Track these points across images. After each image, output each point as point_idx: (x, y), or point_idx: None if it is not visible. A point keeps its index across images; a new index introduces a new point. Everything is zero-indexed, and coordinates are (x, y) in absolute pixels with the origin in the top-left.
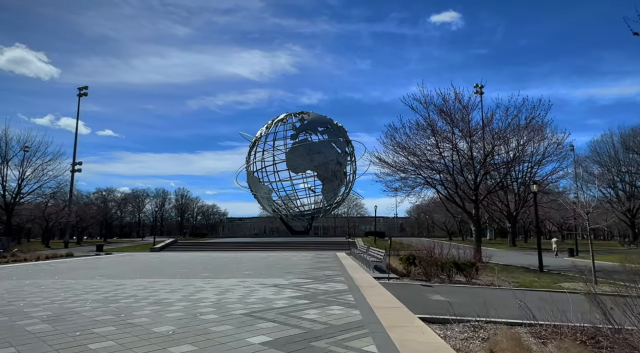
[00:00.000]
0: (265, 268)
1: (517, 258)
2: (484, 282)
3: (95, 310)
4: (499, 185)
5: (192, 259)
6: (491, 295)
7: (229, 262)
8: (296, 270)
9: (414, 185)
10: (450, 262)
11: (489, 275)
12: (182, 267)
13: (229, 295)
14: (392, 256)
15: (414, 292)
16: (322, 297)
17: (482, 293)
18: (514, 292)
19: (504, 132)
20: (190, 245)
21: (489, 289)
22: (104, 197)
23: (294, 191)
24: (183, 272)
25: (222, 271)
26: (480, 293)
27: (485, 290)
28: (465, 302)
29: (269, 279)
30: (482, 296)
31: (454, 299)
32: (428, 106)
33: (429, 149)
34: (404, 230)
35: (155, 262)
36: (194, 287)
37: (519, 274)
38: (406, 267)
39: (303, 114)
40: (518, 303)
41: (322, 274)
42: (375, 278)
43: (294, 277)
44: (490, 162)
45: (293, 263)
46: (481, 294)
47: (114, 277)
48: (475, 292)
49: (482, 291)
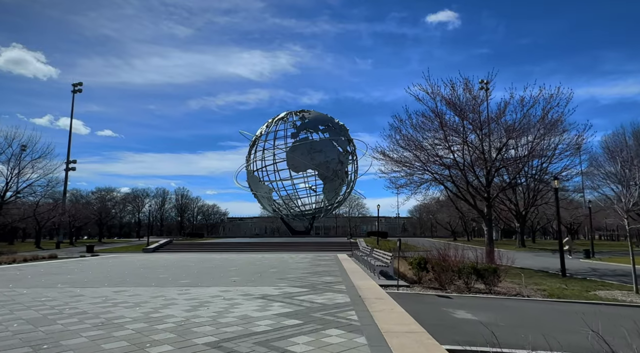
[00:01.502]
0: (257, 274)
1: (529, 260)
2: (507, 290)
3: (14, 336)
4: (513, 181)
5: (182, 261)
6: (526, 310)
7: (220, 265)
8: (291, 275)
9: (420, 182)
10: (468, 268)
11: (508, 281)
12: (165, 270)
13: (201, 313)
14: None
15: (431, 306)
16: (317, 315)
17: (514, 307)
18: (552, 305)
19: (518, 124)
20: (185, 246)
21: (518, 301)
22: (103, 196)
23: (295, 191)
24: (162, 279)
25: (206, 277)
26: (512, 307)
27: (515, 302)
28: (499, 320)
29: (258, 288)
30: (515, 311)
31: (483, 317)
32: (435, 97)
33: (437, 143)
34: (406, 230)
35: (140, 264)
36: (164, 299)
37: (541, 279)
38: (417, 273)
39: (304, 112)
40: (587, 332)
41: (320, 281)
42: (382, 286)
43: (287, 285)
44: (504, 157)
45: (289, 266)
46: (513, 309)
47: (79, 284)
48: (505, 305)
49: (513, 304)
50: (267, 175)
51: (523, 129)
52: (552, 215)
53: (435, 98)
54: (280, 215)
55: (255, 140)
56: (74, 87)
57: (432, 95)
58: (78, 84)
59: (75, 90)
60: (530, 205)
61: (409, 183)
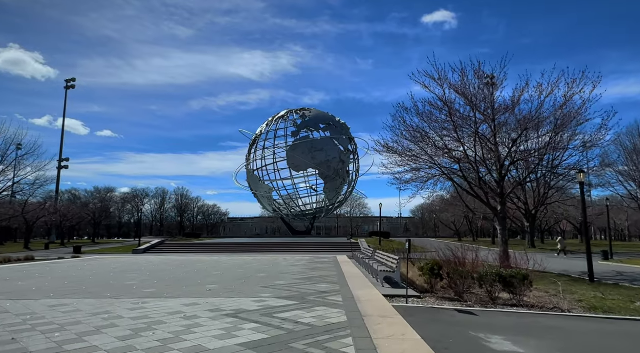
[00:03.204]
0: (240, 280)
1: (545, 263)
2: (537, 300)
3: None
4: (530, 176)
5: (164, 264)
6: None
7: (203, 268)
8: (280, 282)
9: (427, 178)
10: (492, 274)
11: (533, 287)
12: (139, 276)
13: (140, 341)
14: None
15: (454, 328)
16: (300, 346)
17: (558, 328)
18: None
19: (535, 113)
20: (178, 247)
21: (558, 318)
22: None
23: (295, 190)
24: (126, 286)
25: (178, 285)
26: (555, 328)
27: (555, 320)
28: None
29: (234, 300)
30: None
31: (530, 348)
32: (443, 83)
33: (445, 134)
34: (408, 231)
35: (116, 267)
36: (105, 317)
37: (568, 286)
38: (428, 280)
39: (304, 111)
40: None
41: (312, 290)
42: (387, 296)
43: (271, 295)
44: (519, 149)
45: (281, 270)
46: (559, 331)
47: (16, 295)
48: (546, 325)
49: (554, 323)
50: (267, 175)
51: (541, 119)
52: (561, 214)
53: (443, 85)
54: (280, 215)
55: (255, 139)
56: (67, 83)
57: (440, 81)
58: (71, 79)
59: (68, 86)
60: (540, 203)
61: (415, 179)
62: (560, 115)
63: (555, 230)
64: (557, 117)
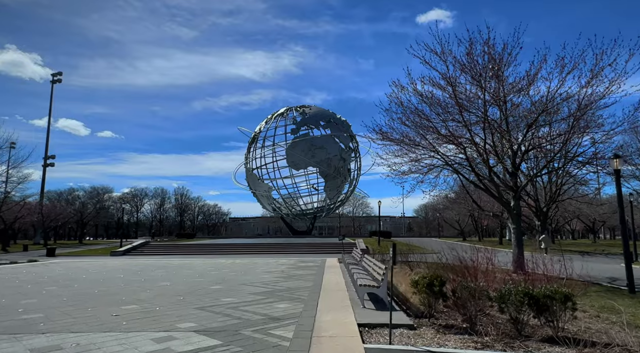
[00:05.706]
0: (179, 296)
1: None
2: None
3: None
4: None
5: (116, 271)
6: None
7: (157, 277)
8: (228, 299)
9: (428, 169)
10: (519, 294)
11: None
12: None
13: None
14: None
15: None
16: None
17: None
18: None
19: (555, 92)
20: (162, 248)
21: None
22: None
23: (296, 189)
24: (6, 307)
25: (86, 305)
26: None
27: None
28: None
29: (128, 337)
30: None
31: None
32: (446, 58)
33: (448, 117)
34: (411, 230)
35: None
36: None
37: (605, 299)
38: (426, 299)
39: (304, 108)
40: None
41: (261, 314)
42: (365, 326)
43: (195, 325)
44: (536, 135)
45: (246, 280)
46: None
47: None
48: None
49: None
50: (266, 173)
51: (562, 98)
52: (571, 213)
53: (447, 60)
54: (280, 215)
55: (255, 137)
56: (53, 77)
57: (443, 56)
58: (57, 73)
59: (55, 80)
60: (553, 200)
61: (414, 171)
62: (586, 94)
63: (565, 230)
64: (582, 96)
